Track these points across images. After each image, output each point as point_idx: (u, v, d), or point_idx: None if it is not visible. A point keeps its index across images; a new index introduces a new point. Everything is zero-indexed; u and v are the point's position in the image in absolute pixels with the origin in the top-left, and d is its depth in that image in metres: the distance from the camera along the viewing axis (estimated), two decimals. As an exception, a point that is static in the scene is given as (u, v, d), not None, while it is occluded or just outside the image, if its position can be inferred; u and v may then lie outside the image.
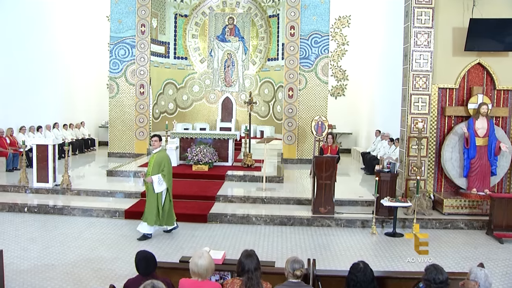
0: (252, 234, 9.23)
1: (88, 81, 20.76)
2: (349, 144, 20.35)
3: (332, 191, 9.90)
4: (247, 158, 14.36)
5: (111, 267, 7.22)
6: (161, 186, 8.55)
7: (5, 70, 14.90)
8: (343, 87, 20.41)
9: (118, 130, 17.61)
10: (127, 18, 17.32)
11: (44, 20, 17.27)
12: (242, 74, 20.56)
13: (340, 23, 20.13)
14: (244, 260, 4.32)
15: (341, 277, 4.74)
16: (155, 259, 4.60)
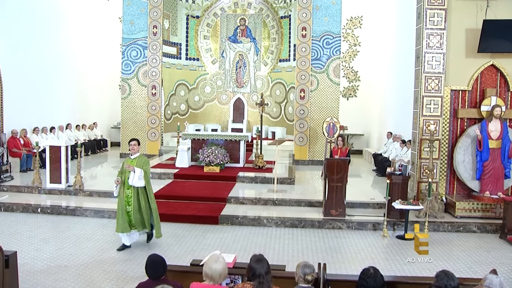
0: (263, 236, 9.24)
1: (101, 82, 20.90)
2: (361, 145, 20.28)
3: (344, 194, 9.88)
4: (259, 159, 14.36)
5: (123, 269, 7.27)
6: (140, 181, 8.08)
7: (19, 72, 15.03)
8: (354, 88, 20.34)
9: (130, 131, 17.70)
10: (139, 19, 17.41)
11: (57, 22, 17.41)
12: (253, 75, 20.57)
13: (352, 24, 20.06)
14: (255, 265, 4.32)
15: (351, 281, 4.73)
16: (165, 263, 4.61)
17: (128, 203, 8.19)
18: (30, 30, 15.56)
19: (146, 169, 8.16)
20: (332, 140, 14.05)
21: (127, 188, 8.16)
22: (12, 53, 14.64)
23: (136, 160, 8.14)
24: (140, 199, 8.20)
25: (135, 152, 8.23)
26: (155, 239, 8.63)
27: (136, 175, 8.01)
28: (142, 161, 8.18)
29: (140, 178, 8.04)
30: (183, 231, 9.44)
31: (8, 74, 14.43)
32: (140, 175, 8.02)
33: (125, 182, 8.15)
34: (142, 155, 8.39)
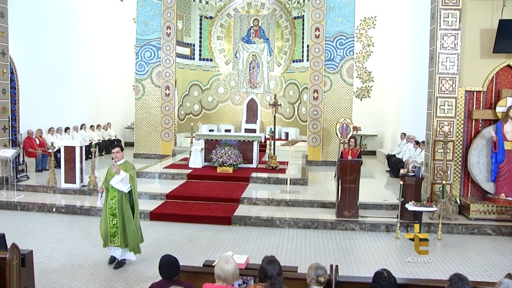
0: (275, 237, 9.24)
1: (115, 83, 21.06)
2: (374, 146, 20.20)
3: (356, 195, 9.85)
4: (272, 160, 14.37)
5: (137, 268, 7.33)
6: (123, 184, 7.35)
7: (35, 73, 15.21)
8: (368, 88, 20.26)
9: (143, 131, 17.81)
10: (153, 20, 17.51)
11: (72, 23, 17.58)
12: (267, 75, 20.57)
13: (365, 24, 19.98)
14: (267, 266, 4.33)
15: (364, 284, 4.71)
16: (178, 263, 4.65)
17: (113, 215, 7.42)
18: (45, 32, 15.74)
19: (132, 173, 7.48)
20: (345, 141, 14.01)
21: (111, 199, 7.45)
22: (28, 55, 14.81)
23: (121, 167, 7.42)
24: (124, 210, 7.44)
25: (119, 159, 7.51)
26: (161, 236, 8.65)
27: (119, 177, 7.32)
28: (127, 167, 7.50)
29: (123, 182, 7.33)
30: (196, 231, 9.47)
31: (24, 76, 14.62)
32: (124, 178, 7.32)
33: (109, 190, 7.48)
34: (127, 161, 7.69)
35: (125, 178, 7.32)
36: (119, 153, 7.50)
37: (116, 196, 7.40)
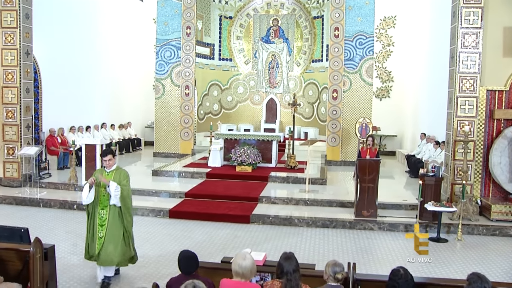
0: (294, 236, 9.27)
1: (135, 82, 21.27)
2: (394, 146, 20.06)
3: (375, 194, 9.81)
4: (291, 159, 14.37)
5: (155, 265, 7.42)
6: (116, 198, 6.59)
7: (57, 73, 15.44)
8: (388, 88, 20.12)
9: (163, 131, 17.96)
10: (173, 20, 17.65)
11: (94, 24, 17.83)
12: (286, 75, 20.58)
13: (385, 24, 19.85)
14: (283, 262, 4.36)
15: (381, 282, 4.69)
16: (197, 259, 4.71)
17: (101, 227, 6.68)
18: (67, 33, 15.98)
19: (124, 184, 6.67)
20: (363, 140, 13.95)
21: (102, 208, 6.69)
22: (51, 55, 15.06)
23: (113, 173, 6.70)
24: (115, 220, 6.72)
25: (111, 166, 6.74)
26: (181, 234, 8.71)
27: (111, 190, 6.55)
28: (120, 175, 6.72)
29: (116, 196, 6.57)
30: (214, 229, 9.54)
31: (47, 75, 14.89)
32: (115, 192, 6.55)
33: (100, 199, 6.69)
34: (119, 168, 6.92)
35: (116, 190, 6.55)
36: (111, 160, 6.71)
37: (107, 206, 6.66)
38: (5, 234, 5.98)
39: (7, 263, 5.59)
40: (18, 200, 11.45)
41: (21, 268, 5.55)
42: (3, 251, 5.62)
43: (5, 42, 12.32)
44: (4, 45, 12.33)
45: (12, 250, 5.61)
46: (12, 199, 11.49)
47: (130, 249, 6.87)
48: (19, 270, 5.57)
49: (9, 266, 5.59)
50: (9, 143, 12.50)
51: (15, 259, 5.59)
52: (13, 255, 5.59)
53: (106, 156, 6.68)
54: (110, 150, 6.88)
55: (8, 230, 6.03)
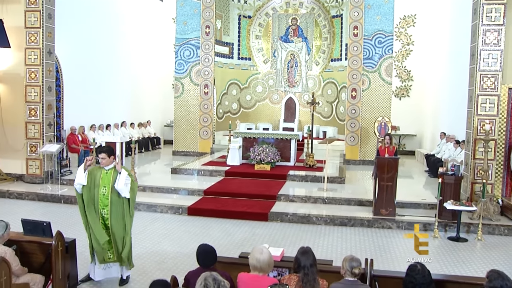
0: (312, 233, 9.28)
1: (155, 81, 21.46)
2: (413, 146, 19.92)
3: (394, 193, 9.77)
4: (309, 158, 14.37)
5: (174, 261, 7.50)
6: (126, 188, 6.35)
7: (78, 72, 15.65)
8: (407, 87, 19.98)
9: (182, 129, 18.09)
10: (192, 20, 17.77)
11: (114, 23, 18.03)
12: (305, 74, 20.58)
13: (405, 23, 19.71)
14: (300, 256, 4.40)
15: (398, 278, 4.70)
16: (215, 252, 4.78)
17: (104, 226, 6.50)
18: (89, 32, 16.19)
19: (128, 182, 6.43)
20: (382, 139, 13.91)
21: (102, 208, 6.43)
22: (72, 55, 15.27)
23: (111, 171, 6.45)
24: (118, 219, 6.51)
25: (107, 164, 6.46)
26: (198, 231, 8.78)
27: (122, 177, 6.33)
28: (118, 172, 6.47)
29: (126, 185, 6.34)
30: (232, 226, 9.60)
31: (68, 74, 15.09)
32: (126, 180, 6.34)
33: (100, 199, 6.41)
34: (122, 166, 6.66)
35: (127, 180, 6.35)
36: (104, 159, 6.40)
37: (108, 205, 6.40)
38: (28, 227, 6.14)
39: (30, 255, 5.74)
40: (40, 196, 11.66)
41: (44, 261, 5.69)
42: (27, 244, 5.77)
43: (28, 41, 12.54)
44: (28, 45, 12.55)
45: (35, 243, 5.77)
46: (35, 195, 11.71)
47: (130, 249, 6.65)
48: (41, 262, 5.73)
49: (33, 258, 5.74)
50: (31, 140, 12.72)
51: (38, 251, 5.74)
52: (36, 248, 5.74)
53: (101, 154, 6.43)
54: (106, 149, 6.58)
55: (31, 223, 6.18)
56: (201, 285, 3.67)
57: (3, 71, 12.76)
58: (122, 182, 6.27)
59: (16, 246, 5.58)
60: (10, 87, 12.82)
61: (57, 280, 5.67)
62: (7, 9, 12.74)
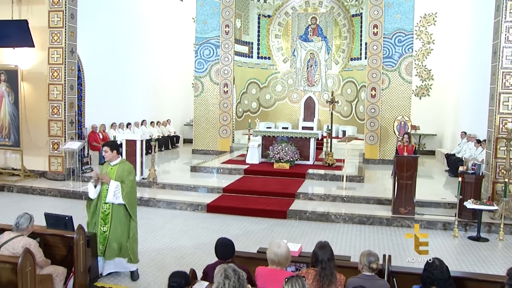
0: (330, 231, 9.29)
1: (175, 80, 21.63)
2: (433, 145, 19.74)
3: (413, 192, 9.71)
4: (328, 157, 14.36)
5: (193, 257, 7.58)
6: (116, 198, 6.35)
7: (100, 71, 15.83)
8: (428, 87, 19.81)
9: (202, 128, 18.20)
10: (212, 19, 17.86)
11: (135, 23, 18.21)
12: (324, 73, 20.55)
13: (425, 21, 19.54)
14: (318, 251, 4.43)
15: (416, 274, 4.69)
16: (234, 245, 4.83)
17: (104, 222, 6.48)
18: (110, 32, 16.38)
19: (129, 180, 6.47)
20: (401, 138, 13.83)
21: (105, 202, 6.45)
22: (93, 54, 15.45)
23: (116, 167, 6.52)
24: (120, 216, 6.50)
25: (111, 159, 6.55)
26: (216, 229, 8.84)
27: (110, 190, 6.33)
28: (123, 169, 6.52)
29: (116, 195, 6.34)
30: (251, 224, 9.66)
31: (89, 73, 15.28)
32: (116, 190, 6.33)
33: (103, 194, 6.45)
34: (125, 161, 6.81)
35: (116, 189, 6.34)
36: (106, 152, 6.49)
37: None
38: (51, 221, 6.27)
39: (53, 248, 5.87)
40: (62, 193, 11.87)
41: (66, 254, 5.80)
42: (50, 237, 5.90)
43: (52, 41, 12.77)
44: (51, 44, 12.78)
45: (58, 236, 5.89)
46: (57, 191, 11.92)
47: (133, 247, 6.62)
48: (63, 255, 5.84)
49: (55, 251, 5.87)
50: (54, 138, 12.94)
51: (60, 244, 5.86)
52: (58, 241, 5.86)
53: (104, 147, 6.58)
54: (110, 143, 6.68)
55: (53, 217, 6.32)
56: (221, 276, 3.68)
57: (27, 70, 12.97)
58: (111, 194, 6.31)
59: (39, 238, 5.71)
60: (34, 85, 13.03)
61: (79, 272, 5.78)
62: (32, 9, 12.96)
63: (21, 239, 5.30)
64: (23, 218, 5.42)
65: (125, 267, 6.65)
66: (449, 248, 8.50)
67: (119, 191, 6.32)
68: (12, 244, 5.25)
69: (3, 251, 5.25)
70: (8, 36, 12.44)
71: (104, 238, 6.46)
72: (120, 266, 6.65)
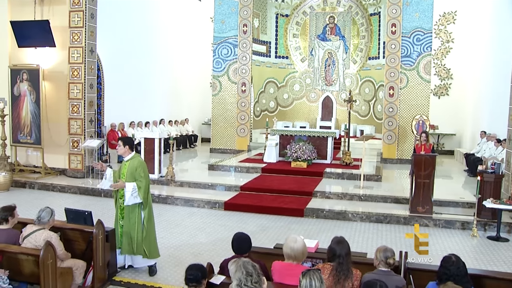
0: (347, 229, 9.28)
1: (193, 80, 21.78)
2: (452, 145, 19.56)
3: (431, 190, 9.66)
4: (346, 156, 14.34)
5: (210, 253, 7.64)
6: (135, 198, 6.46)
7: (119, 71, 16.03)
8: (447, 86, 19.63)
9: (220, 127, 18.28)
10: (230, 18, 17.93)
11: (154, 23, 18.41)
12: (342, 73, 20.51)
13: (444, 20, 19.37)
14: (335, 246, 4.45)
15: (433, 271, 4.67)
16: (250, 240, 4.87)
17: (122, 216, 6.67)
18: (129, 31, 16.58)
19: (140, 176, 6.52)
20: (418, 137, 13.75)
21: (120, 197, 6.65)
22: (112, 54, 15.65)
23: (128, 163, 6.60)
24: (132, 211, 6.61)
25: (123, 154, 6.64)
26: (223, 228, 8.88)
27: (127, 194, 6.45)
28: (134, 164, 6.57)
29: (134, 196, 6.45)
30: (268, 221, 9.70)
31: (109, 73, 15.47)
32: (133, 191, 6.43)
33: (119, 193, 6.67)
34: (137, 156, 6.81)
35: (133, 190, 6.44)
36: (120, 146, 6.59)
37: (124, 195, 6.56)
38: (71, 216, 6.39)
39: (73, 242, 5.98)
40: (82, 190, 12.04)
41: (85, 248, 5.91)
42: (70, 231, 6.01)
43: (72, 40, 12.96)
44: (71, 44, 12.96)
45: (78, 230, 6.00)
46: (76, 188, 12.09)
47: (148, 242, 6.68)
48: (83, 249, 5.95)
49: (75, 245, 5.98)
50: (73, 136, 13.12)
51: (80, 239, 5.97)
52: (78, 235, 5.97)
53: (117, 142, 6.71)
54: (124, 138, 6.77)
55: (73, 212, 6.44)
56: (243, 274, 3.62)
57: (48, 69, 13.17)
58: (128, 195, 6.43)
59: (60, 232, 5.82)
60: (55, 84, 13.22)
61: (98, 266, 5.88)
62: (53, 10, 13.16)
63: (42, 232, 5.42)
64: (44, 211, 5.55)
65: (143, 262, 6.74)
66: (468, 247, 8.43)
67: (136, 191, 6.42)
68: (34, 237, 5.39)
69: (26, 243, 5.39)
70: (30, 36, 12.69)
71: (121, 233, 6.61)
72: (136, 261, 6.76)
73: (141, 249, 6.58)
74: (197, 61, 21.80)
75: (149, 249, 6.66)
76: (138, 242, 6.56)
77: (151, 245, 6.70)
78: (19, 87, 13.09)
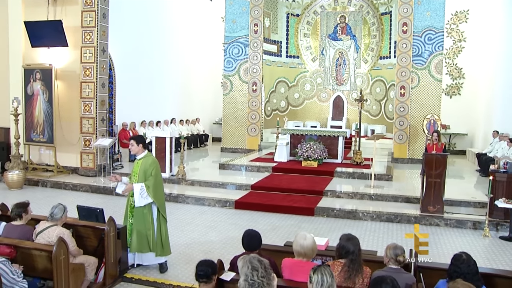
0: (357, 228, 9.26)
1: (204, 79, 21.87)
2: (464, 145, 19.43)
3: (442, 190, 9.62)
4: (357, 155, 14.32)
5: (220, 251, 7.69)
6: (145, 199, 6.46)
7: (130, 70, 16.12)
8: (458, 85, 19.51)
9: (231, 126, 18.32)
10: (241, 18, 17.97)
11: (165, 23, 18.51)
12: (353, 72, 20.46)
13: (456, 19, 19.26)
14: (346, 243, 4.46)
15: (443, 270, 4.66)
16: (260, 237, 4.90)
17: (132, 214, 6.68)
18: (140, 31, 16.67)
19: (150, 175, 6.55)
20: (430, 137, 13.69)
21: (131, 195, 6.64)
22: (124, 52, 15.75)
23: (141, 161, 6.66)
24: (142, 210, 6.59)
25: (137, 152, 6.71)
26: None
27: (135, 195, 6.46)
28: (146, 163, 6.62)
29: (142, 196, 6.45)
30: (279, 220, 9.72)
31: (120, 72, 15.58)
32: (141, 192, 6.44)
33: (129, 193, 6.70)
34: (150, 154, 6.88)
35: (141, 191, 6.45)
36: (133, 146, 6.66)
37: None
38: (83, 213, 6.46)
39: (85, 239, 6.05)
40: (93, 188, 12.15)
41: (97, 245, 5.97)
42: (82, 228, 6.08)
43: (84, 40, 13.08)
44: (84, 43, 13.09)
45: (90, 227, 6.06)
46: (88, 187, 12.20)
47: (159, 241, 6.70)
48: (95, 246, 6.01)
49: (87, 242, 6.05)
50: (85, 135, 13.24)
51: (91, 236, 6.04)
52: (90, 232, 6.03)
53: (130, 140, 6.75)
54: (136, 137, 6.82)
55: (85, 210, 6.52)
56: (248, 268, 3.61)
57: (60, 69, 13.30)
58: (137, 196, 6.44)
59: (72, 229, 5.89)
60: (67, 84, 13.35)
61: (109, 263, 5.95)
62: (66, 10, 13.29)
63: (55, 228, 5.49)
64: (57, 208, 5.62)
65: (152, 260, 6.77)
66: (479, 247, 8.39)
67: (144, 191, 6.43)
68: (47, 233, 5.46)
69: (39, 239, 5.47)
70: (43, 36, 12.85)
71: (130, 231, 6.63)
72: (146, 259, 6.79)
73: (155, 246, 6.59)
74: (208, 60, 21.88)
75: (161, 246, 6.71)
76: (153, 240, 6.59)
77: (163, 242, 6.75)
78: (32, 86, 13.24)
